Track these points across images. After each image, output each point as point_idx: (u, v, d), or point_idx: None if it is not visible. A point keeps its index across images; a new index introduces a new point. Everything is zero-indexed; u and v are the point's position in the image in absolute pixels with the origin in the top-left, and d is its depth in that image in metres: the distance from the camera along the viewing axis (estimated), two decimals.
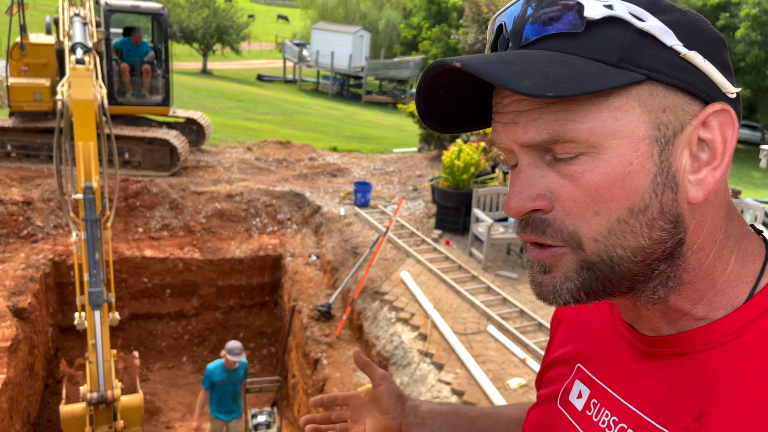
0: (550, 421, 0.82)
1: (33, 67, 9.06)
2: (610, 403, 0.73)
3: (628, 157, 0.58)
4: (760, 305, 0.63)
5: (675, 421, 0.65)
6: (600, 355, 0.78)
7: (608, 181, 0.59)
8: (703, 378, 0.64)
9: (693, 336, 0.65)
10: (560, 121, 0.58)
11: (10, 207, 7.94)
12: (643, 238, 0.60)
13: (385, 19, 39.21)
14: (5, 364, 5.41)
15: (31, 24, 10.08)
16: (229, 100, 20.58)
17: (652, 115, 0.59)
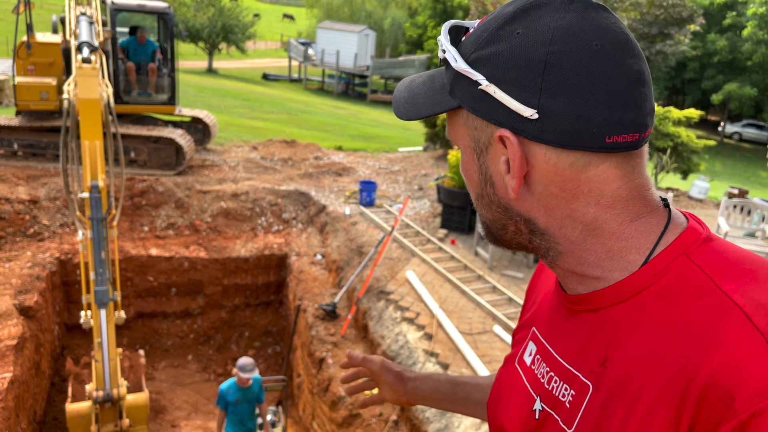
0: (508, 379, 0.98)
1: (39, 66, 9.08)
2: (547, 356, 0.88)
3: (465, 158, 0.85)
4: (654, 268, 0.76)
5: (586, 367, 0.79)
6: (545, 316, 0.94)
7: (464, 171, 0.86)
8: (608, 329, 0.78)
9: (602, 294, 0.79)
10: (448, 128, 0.87)
11: (17, 206, 7.96)
12: (490, 214, 0.85)
13: (390, 18, 39.17)
14: (11, 363, 5.42)
15: (38, 23, 10.10)
16: (235, 99, 20.60)
17: (469, 131, 0.81)
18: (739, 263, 0.73)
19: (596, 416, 0.75)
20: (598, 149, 0.73)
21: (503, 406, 0.95)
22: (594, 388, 0.77)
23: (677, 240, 0.77)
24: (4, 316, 6.03)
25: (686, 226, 0.79)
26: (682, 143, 10.90)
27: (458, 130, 0.83)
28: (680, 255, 0.76)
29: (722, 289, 0.70)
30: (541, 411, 0.85)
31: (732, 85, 28.32)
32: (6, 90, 13.72)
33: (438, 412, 4.85)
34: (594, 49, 0.71)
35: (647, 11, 12.65)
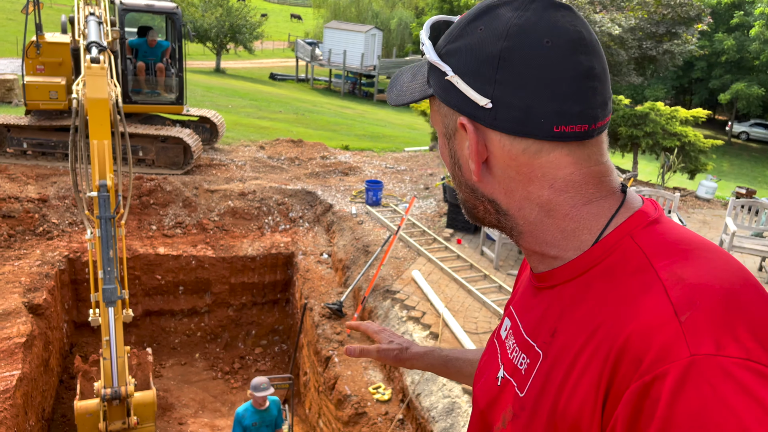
0: (487, 351, 1.07)
1: (49, 65, 9.14)
2: (515, 330, 0.96)
3: (440, 141, 0.92)
4: (602, 248, 0.82)
5: (540, 337, 0.87)
6: (519, 295, 1.02)
7: (441, 154, 0.94)
8: (559, 304, 0.85)
9: (557, 272, 0.86)
10: (431, 113, 0.94)
11: (26, 204, 8.03)
12: (462, 194, 0.93)
13: (397, 17, 39.15)
14: (20, 360, 5.47)
15: (47, 23, 10.18)
16: (242, 99, 20.66)
17: (441, 118, 0.90)
18: (676, 243, 0.79)
19: (542, 381, 0.83)
20: (546, 138, 0.79)
21: (478, 377, 1.05)
22: (543, 356, 0.84)
23: (625, 222, 0.83)
24: (13, 314, 6.09)
25: (638, 209, 0.85)
26: (689, 143, 10.86)
27: (434, 117, 0.92)
28: (625, 236, 0.82)
29: (654, 266, 0.76)
30: (503, 378, 0.94)
31: (739, 84, 28.16)
32: (16, 89, 13.82)
33: (444, 411, 4.87)
34: (545, 45, 0.77)
35: (654, 10, 12.61)
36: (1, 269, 6.97)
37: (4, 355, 5.50)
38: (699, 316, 0.68)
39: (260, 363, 8.48)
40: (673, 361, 0.66)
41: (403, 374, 5.55)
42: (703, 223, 9.32)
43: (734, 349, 0.65)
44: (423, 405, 5.07)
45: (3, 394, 5.02)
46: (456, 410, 4.82)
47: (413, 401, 5.22)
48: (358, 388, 5.70)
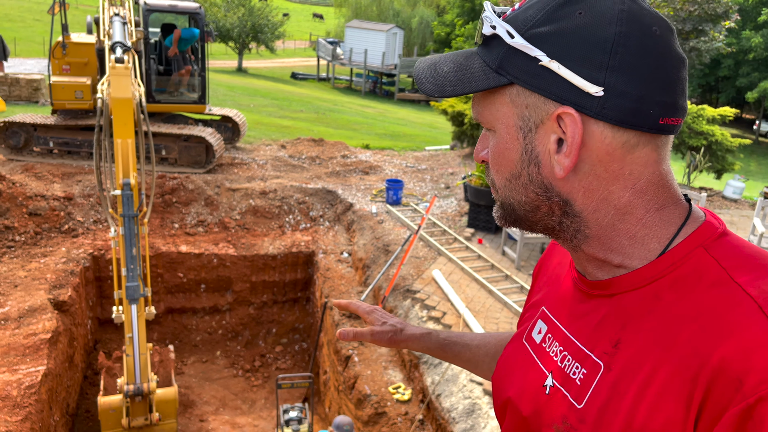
0: (516, 354, 1.02)
1: (74, 65, 9.27)
2: (559, 336, 0.92)
3: (505, 137, 0.83)
4: (671, 258, 0.79)
5: (599, 347, 0.83)
6: (557, 297, 0.98)
7: (498, 152, 0.85)
8: (622, 314, 0.82)
9: (620, 280, 0.83)
10: (478, 108, 0.86)
11: (53, 202, 8.15)
12: (523, 196, 0.84)
13: (418, 16, 39.07)
14: (45, 356, 5.56)
15: (73, 23, 10.32)
16: (264, 98, 20.77)
17: (518, 110, 0.81)
18: (753, 257, 0.77)
19: (606, 394, 0.79)
20: (650, 130, 0.76)
21: (510, 380, 1.00)
22: (605, 367, 0.81)
23: (695, 232, 0.80)
24: (39, 310, 6.18)
25: (704, 220, 0.83)
26: (716, 142, 10.67)
27: (499, 109, 0.83)
28: (698, 247, 0.79)
29: (736, 281, 0.73)
30: (552, 386, 0.89)
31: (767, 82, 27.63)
32: (42, 89, 14.05)
33: (464, 412, 4.83)
34: (654, 32, 0.75)
35: (681, 7, 12.41)
36: (28, 266, 7.08)
37: (29, 350, 5.58)
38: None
39: (280, 361, 8.52)
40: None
41: (423, 374, 5.53)
42: (729, 224, 9.14)
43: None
44: (443, 406, 5.04)
45: (28, 389, 5.10)
46: (476, 411, 4.79)
47: (433, 402, 5.19)
48: (377, 388, 5.69)
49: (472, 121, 11.83)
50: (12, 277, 6.80)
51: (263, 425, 7.23)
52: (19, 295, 6.43)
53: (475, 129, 12.02)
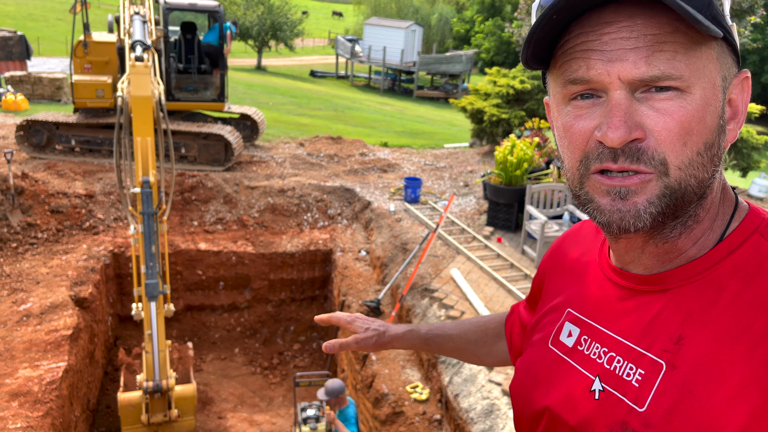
0: (543, 361, 0.95)
1: (96, 64, 9.36)
2: (600, 337, 0.86)
3: (709, 98, 0.71)
4: (729, 246, 0.76)
5: (657, 345, 0.78)
6: (588, 298, 0.91)
7: (696, 116, 0.70)
8: (682, 307, 0.76)
9: (676, 273, 0.78)
10: (671, 60, 0.69)
11: (74, 200, 8.24)
12: (707, 172, 0.73)
13: (437, 13, 38.92)
14: (66, 352, 5.61)
15: (95, 23, 10.42)
16: (283, 96, 20.84)
17: (722, 67, 0.73)
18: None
19: (675, 394, 0.74)
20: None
21: (544, 389, 0.93)
22: (668, 366, 0.76)
23: (746, 220, 0.78)
24: (60, 306, 6.25)
25: (749, 207, 0.81)
26: (741, 139, 10.47)
27: (705, 65, 0.71)
28: (754, 233, 0.76)
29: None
30: (602, 391, 0.83)
31: None
32: (65, 88, 14.22)
33: (482, 412, 4.79)
34: None
35: None
36: (50, 263, 7.17)
37: (51, 347, 5.65)
38: None
39: (298, 359, 8.53)
40: None
41: (441, 374, 5.49)
42: None
43: None
44: (461, 406, 5.00)
45: (50, 385, 5.15)
46: (495, 412, 4.74)
47: (451, 402, 5.15)
48: (395, 387, 5.66)
49: (491, 119, 11.72)
50: (34, 274, 6.89)
51: (281, 423, 7.24)
52: (41, 292, 6.50)
53: (495, 126, 11.92)
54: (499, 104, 11.87)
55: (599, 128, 0.72)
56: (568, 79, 0.75)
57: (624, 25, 0.70)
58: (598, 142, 0.73)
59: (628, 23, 0.70)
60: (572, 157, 0.77)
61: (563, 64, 0.75)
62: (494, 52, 35.77)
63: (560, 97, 0.78)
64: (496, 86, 12.12)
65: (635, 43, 0.69)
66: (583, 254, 0.99)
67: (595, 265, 0.93)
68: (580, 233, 1.07)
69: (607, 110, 0.72)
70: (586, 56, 0.72)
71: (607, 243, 0.92)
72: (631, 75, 0.70)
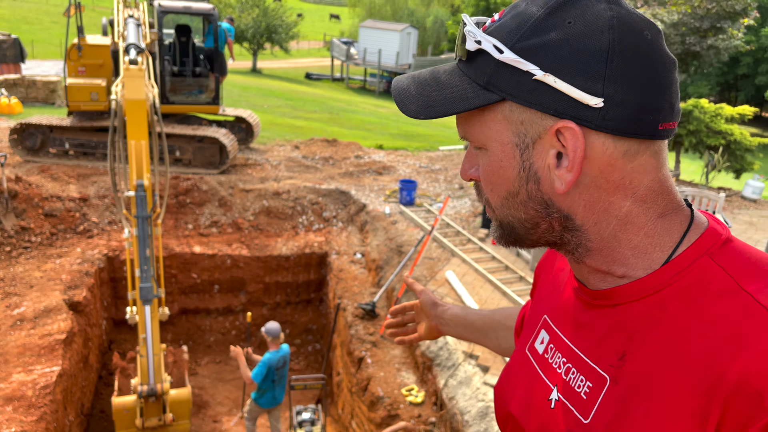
0: (519, 364, 0.99)
1: (90, 67, 9.33)
2: (562, 346, 0.89)
3: (499, 155, 0.79)
4: (675, 267, 0.77)
5: (604, 360, 0.80)
6: (559, 307, 0.94)
7: (492, 170, 0.81)
8: (627, 324, 0.79)
9: (623, 290, 0.80)
10: (465, 126, 0.82)
11: (68, 203, 8.22)
12: (523, 213, 0.81)
13: (432, 15, 39.01)
14: (60, 356, 5.59)
15: (89, 26, 10.41)
16: (278, 99, 20.82)
17: (512, 126, 0.77)
18: (759, 264, 0.74)
19: (614, 408, 0.76)
20: (651, 136, 0.74)
21: (513, 393, 0.97)
22: (611, 381, 0.78)
23: (699, 240, 0.78)
24: (54, 310, 6.23)
25: (707, 226, 0.80)
26: (734, 141, 10.51)
27: (491, 127, 0.79)
28: (703, 255, 0.77)
29: (746, 289, 0.71)
30: (557, 401, 0.86)
31: None
32: (59, 91, 14.18)
33: (477, 415, 4.79)
34: (646, 37, 0.73)
35: (698, 5, 12.24)
36: (44, 267, 7.14)
37: (45, 351, 5.62)
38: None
39: (293, 362, 8.51)
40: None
41: (436, 376, 5.48)
42: (749, 224, 9.00)
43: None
44: (457, 408, 5.00)
45: (43, 389, 5.13)
46: (490, 414, 4.74)
47: (446, 404, 5.15)
48: (390, 390, 5.66)
49: None
50: (28, 278, 6.86)
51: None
52: (34, 296, 6.48)
53: None
54: None
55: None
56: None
57: None
58: None
59: None
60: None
61: None
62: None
63: None
64: None
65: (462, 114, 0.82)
66: (564, 261, 1.00)
67: (568, 273, 0.96)
68: None
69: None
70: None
71: None
72: (459, 133, 0.86)
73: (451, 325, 1.41)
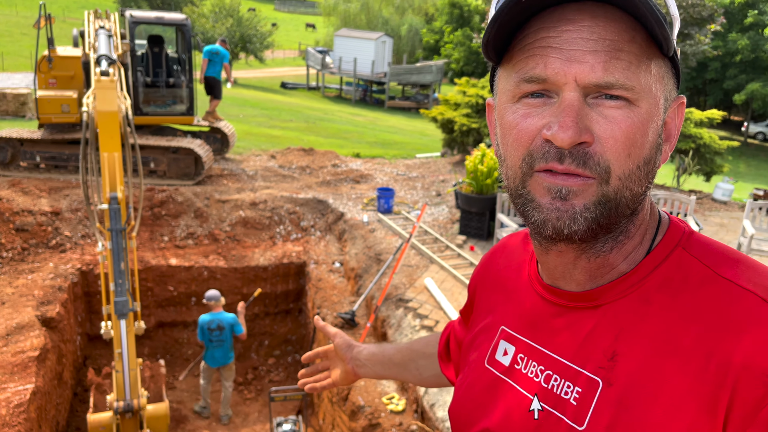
0: (480, 380, 0.93)
1: (60, 79, 9.21)
2: (536, 355, 0.85)
3: (653, 114, 0.72)
4: (654, 261, 0.77)
5: (591, 362, 0.77)
6: (521, 315, 0.90)
7: (641, 130, 0.71)
8: (614, 323, 0.77)
9: (607, 289, 0.78)
10: (626, 70, 0.69)
11: (40, 217, 8.07)
12: (641, 187, 0.74)
13: (407, 24, 39.22)
14: (34, 374, 5.47)
15: (60, 37, 10.28)
16: (253, 108, 20.74)
17: (664, 87, 0.74)
18: (726, 253, 0.76)
19: (612, 411, 0.74)
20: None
21: (483, 410, 0.91)
22: (604, 383, 0.76)
23: (669, 233, 0.80)
24: (26, 327, 6.10)
25: (669, 220, 0.82)
26: (704, 144, 10.72)
27: (651, 82, 0.72)
28: (677, 247, 0.78)
29: (724, 276, 0.72)
30: (541, 410, 0.82)
31: (755, 84, 27.85)
32: (29, 104, 13.96)
33: None
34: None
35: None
36: (15, 282, 7.00)
37: (17, 368, 5.50)
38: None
39: (273, 373, 8.44)
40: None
41: None
42: (720, 226, 9.17)
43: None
44: (437, 416, 5.00)
45: (17, 408, 5.02)
46: None
47: (427, 412, 5.15)
48: (371, 399, 5.64)
49: (462, 128, 11.82)
50: None
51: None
52: (6, 313, 6.34)
53: (465, 136, 12.02)
54: (469, 114, 11.98)
55: (549, 127, 0.70)
56: (523, 78, 0.73)
57: (585, 25, 0.68)
58: (544, 141, 0.71)
59: (589, 23, 0.68)
60: (516, 155, 0.74)
61: (519, 62, 0.73)
62: (464, 62, 36.12)
63: (510, 95, 0.75)
64: (466, 96, 12.24)
65: (594, 46, 0.68)
66: (513, 269, 0.97)
67: (525, 281, 0.92)
68: (506, 248, 1.05)
69: (559, 110, 0.70)
70: (545, 53, 0.70)
71: (536, 258, 0.89)
72: (587, 79, 0.68)
73: (369, 365, 1.36)
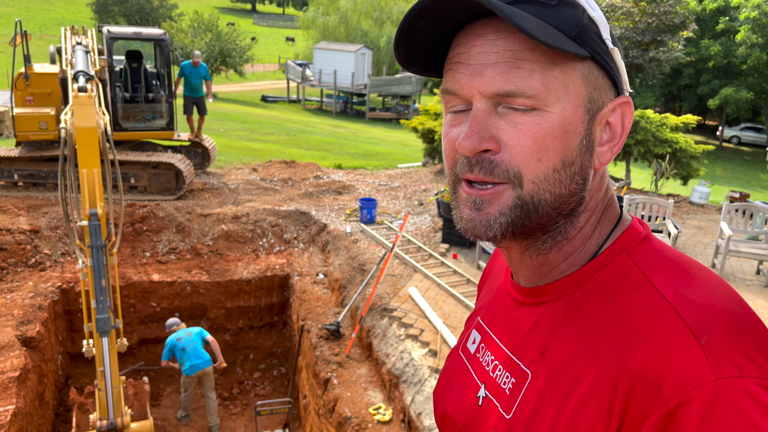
0: (453, 365, 0.99)
1: (38, 96, 9.14)
2: (491, 345, 0.89)
3: (569, 117, 0.72)
4: (598, 264, 0.78)
5: (527, 356, 0.80)
6: (491, 307, 0.95)
7: (552, 134, 0.72)
8: (550, 321, 0.79)
9: (551, 287, 0.81)
10: (528, 78, 0.70)
11: (18, 236, 7.97)
12: (565, 188, 0.74)
13: (386, 36, 39.40)
14: (14, 395, 5.39)
15: (37, 54, 10.20)
16: (234, 122, 20.69)
17: (588, 90, 0.73)
18: (672, 262, 0.76)
19: (534, 404, 0.76)
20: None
21: (448, 393, 0.96)
22: (533, 376, 0.78)
23: (620, 238, 0.80)
24: (6, 348, 6.01)
25: (629, 224, 0.83)
26: (680, 149, 10.89)
27: (567, 85, 0.72)
28: (622, 252, 0.78)
29: (654, 285, 0.73)
30: (484, 398, 0.86)
31: (728, 89, 28.38)
32: (6, 121, 13.80)
33: None
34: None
35: (640, 19, 12.73)
36: None
37: None
38: (716, 339, 0.66)
39: (259, 387, 8.38)
40: (699, 386, 0.63)
41: (403, 393, 5.48)
42: (698, 228, 9.31)
43: (754, 370, 0.64)
44: (424, 425, 5.00)
45: None
46: None
47: (414, 421, 5.14)
48: (358, 410, 5.62)
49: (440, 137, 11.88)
50: None
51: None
52: None
53: None
54: None
55: (459, 137, 0.74)
56: (442, 89, 0.77)
57: (488, 39, 0.71)
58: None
59: (492, 37, 0.71)
60: (447, 164, 0.79)
61: (444, 75, 0.78)
62: None
63: (443, 106, 0.80)
64: None
65: (495, 58, 0.70)
66: (502, 265, 1.01)
67: (505, 276, 0.96)
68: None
69: (468, 121, 0.74)
70: (455, 68, 0.74)
71: None
72: (489, 89, 0.71)
73: None
